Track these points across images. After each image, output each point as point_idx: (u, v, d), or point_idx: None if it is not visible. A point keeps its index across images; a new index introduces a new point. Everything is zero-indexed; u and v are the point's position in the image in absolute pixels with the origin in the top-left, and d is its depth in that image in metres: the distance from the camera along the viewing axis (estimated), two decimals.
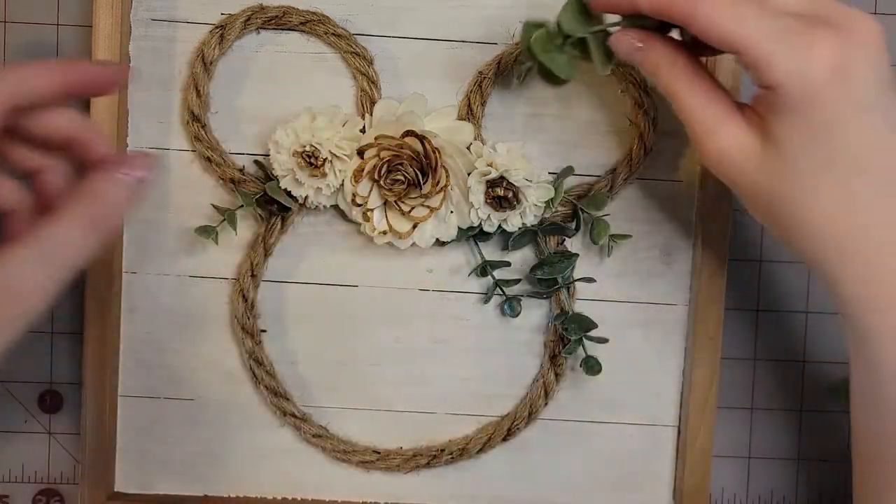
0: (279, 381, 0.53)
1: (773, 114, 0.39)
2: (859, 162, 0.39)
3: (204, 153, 0.52)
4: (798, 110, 0.38)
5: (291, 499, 0.54)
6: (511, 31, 0.52)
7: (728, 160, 0.41)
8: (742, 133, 0.40)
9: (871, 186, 0.39)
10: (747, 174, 0.40)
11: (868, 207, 0.39)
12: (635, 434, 0.54)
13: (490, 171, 0.49)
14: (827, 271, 0.41)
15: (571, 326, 0.51)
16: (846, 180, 0.39)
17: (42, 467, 0.55)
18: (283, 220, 0.52)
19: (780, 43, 0.37)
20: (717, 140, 0.40)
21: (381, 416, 0.54)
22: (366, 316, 0.54)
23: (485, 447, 0.53)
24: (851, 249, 0.40)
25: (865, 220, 0.39)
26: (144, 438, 0.54)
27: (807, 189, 0.39)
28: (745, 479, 0.56)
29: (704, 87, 0.41)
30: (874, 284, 0.40)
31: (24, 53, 0.53)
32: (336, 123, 0.49)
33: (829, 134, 0.38)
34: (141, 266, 0.53)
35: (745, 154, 0.40)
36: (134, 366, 0.54)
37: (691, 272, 0.53)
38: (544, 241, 0.52)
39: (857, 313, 0.41)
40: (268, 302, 0.53)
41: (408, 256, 0.53)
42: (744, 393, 0.55)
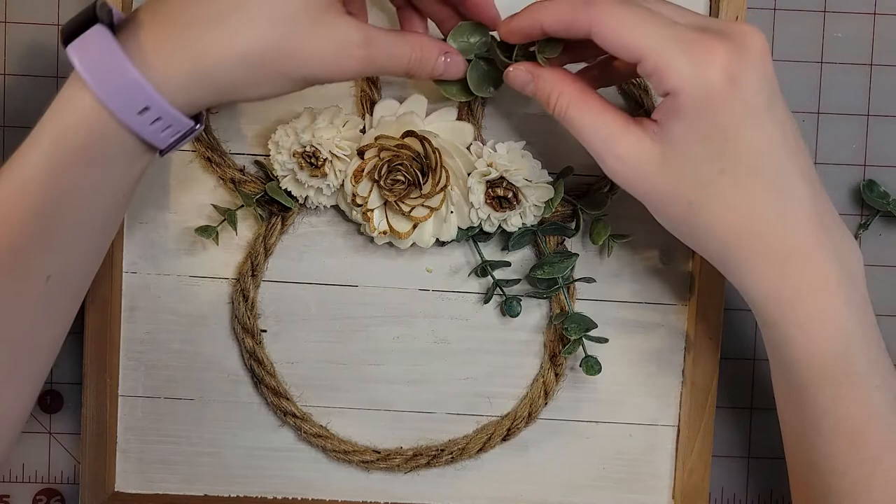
0: (279, 381, 0.53)
1: (672, 119, 0.40)
2: (753, 162, 0.40)
3: (204, 153, 0.52)
4: (695, 114, 0.40)
5: (291, 499, 0.54)
6: None
7: (629, 167, 0.42)
8: (640, 141, 0.41)
9: (766, 186, 0.41)
10: (650, 179, 0.42)
11: (764, 206, 0.41)
12: (635, 434, 0.54)
13: (490, 171, 0.49)
14: (732, 270, 0.43)
15: (571, 326, 0.51)
16: (742, 180, 0.41)
17: (42, 467, 0.55)
18: (283, 220, 0.52)
19: (677, 50, 0.39)
20: (615, 148, 0.42)
21: (381, 416, 0.54)
22: (366, 316, 0.54)
23: (485, 447, 0.53)
24: (752, 247, 0.41)
25: (762, 218, 0.41)
26: (144, 438, 0.54)
27: (706, 190, 0.41)
28: (745, 479, 0.56)
29: (596, 107, 0.42)
30: (776, 280, 0.41)
31: (24, 53, 0.53)
32: (336, 124, 0.49)
33: (724, 136, 0.40)
34: (141, 266, 0.53)
35: (645, 159, 0.41)
36: (134, 366, 0.54)
37: (691, 272, 0.53)
38: (544, 241, 0.52)
39: (765, 310, 0.42)
40: (268, 302, 0.53)
41: (408, 256, 0.53)
42: (744, 393, 0.55)
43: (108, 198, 0.41)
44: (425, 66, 0.45)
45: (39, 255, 0.40)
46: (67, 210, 0.40)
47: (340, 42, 0.41)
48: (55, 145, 0.39)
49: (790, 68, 0.54)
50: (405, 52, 0.44)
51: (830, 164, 0.54)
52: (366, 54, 0.42)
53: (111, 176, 0.40)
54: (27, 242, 0.39)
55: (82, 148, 0.39)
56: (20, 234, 0.39)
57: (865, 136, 0.54)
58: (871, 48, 0.54)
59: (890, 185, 0.54)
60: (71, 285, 0.43)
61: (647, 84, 0.51)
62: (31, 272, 0.40)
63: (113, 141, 0.39)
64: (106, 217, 0.42)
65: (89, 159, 0.39)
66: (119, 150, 0.40)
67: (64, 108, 0.39)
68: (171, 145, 0.41)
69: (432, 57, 0.45)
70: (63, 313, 0.44)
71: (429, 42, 0.45)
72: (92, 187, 0.40)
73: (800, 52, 0.54)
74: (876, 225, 0.55)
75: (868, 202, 0.53)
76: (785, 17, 0.54)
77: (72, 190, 0.39)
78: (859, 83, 0.54)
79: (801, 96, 0.54)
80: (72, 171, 0.39)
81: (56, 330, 0.44)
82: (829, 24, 0.54)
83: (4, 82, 0.54)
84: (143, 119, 0.39)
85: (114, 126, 0.39)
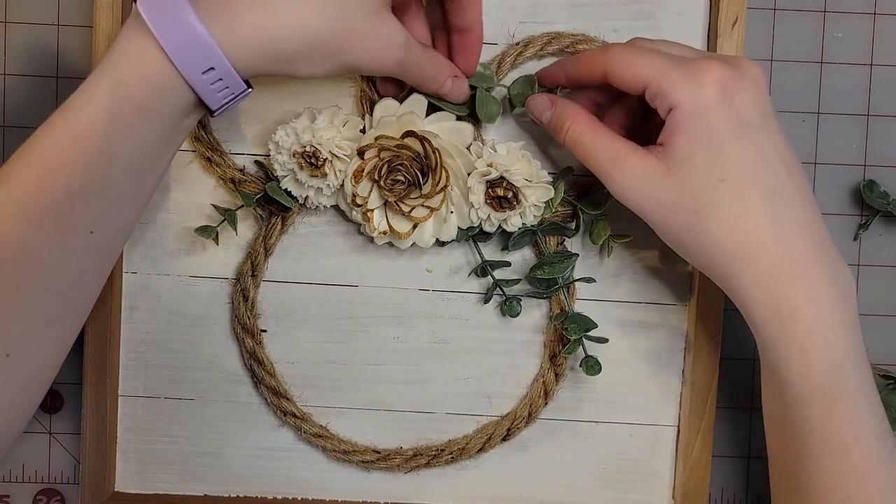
0: (279, 381, 0.53)
1: (674, 133, 0.43)
2: (750, 172, 0.43)
3: (204, 153, 0.52)
4: (694, 123, 0.43)
5: (291, 499, 0.54)
6: (511, 32, 0.52)
7: (636, 184, 0.44)
8: (646, 159, 0.44)
9: (765, 197, 0.43)
10: (655, 192, 0.44)
11: (764, 218, 0.43)
12: (635, 434, 0.54)
13: (490, 171, 0.49)
14: (733, 285, 0.44)
15: (571, 326, 0.51)
16: (742, 189, 0.43)
17: (42, 467, 0.55)
18: (283, 220, 0.52)
19: (678, 71, 0.43)
20: (623, 167, 0.45)
21: (381, 416, 0.54)
22: (366, 316, 0.54)
23: (485, 447, 0.53)
24: (751, 257, 0.43)
25: (762, 230, 0.43)
26: (144, 438, 0.54)
27: (709, 198, 0.43)
28: (744, 479, 0.56)
29: (606, 133, 0.46)
30: (773, 291, 0.43)
31: (24, 53, 0.53)
32: (336, 124, 0.49)
33: (720, 144, 0.43)
34: (141, 266, 0.53)
35: (651, 174, 0.44)
36: (134, 366, 0.54)
37: (691, 272, 0.53)
38: (544, 241, 0.52)
39: (764, 326, 0.43)
40: (268, 302, 0.53)
41: (408, 256, 0.53)
42: (744, 393, 0.55)
43: (154, 152, 0.42)
44: (436, 83, 0.48)
45: (86, 206, 0.41)
46: (116, 163, 0.41)
47: (387, 39, 0.44)
48: (113, 98, 0.40)
49: (790, 68, 0.54)
50: (429, 66, 0.47)
51: (830, 164, 0.54)
52: (403, 56, 0.44)
53: (161, 130, 0.42)
54: (76, 193, 0.41)
55: (143, 101, 0.40)
56: (70, 184, 0.40)
57: (865, 136, 0.54)
58: (871, 48, 0.54)
59: (890, 185, 0.54)
60: (111, 241, 0.44)
61: None
62: (77, 224, 0.41)
63: (171, 97, 0.41)
64: (153, 172, 0.44)
65: (148, 112, 0.40)
66: (175, 107, 0.41)
67: (124, 62, 0.40)
68: (222, 106, 0.43)
69: (444, 76, 0.48)
70: (101, 269, 0.45)
71: (445, 62, 0.49)
72: (142, 141, 0.41)
73: (800, 52, 0.54)
74: (876, 225, 0.55)
75: (868, 202, 0.53)
76: (785, 17, 0.54)
77: (124, 143, 0.41)
78: (859, 83, 0.54)
79: (801, 96, 0.54)
80: (127, 124, 0.40)
81: (92, 285, 0.45)
82: (829, 24, 0.54)
83: (4, 82, 0.54)
84: (205, 78, 0.40)
85: (175, 83, 0.40)
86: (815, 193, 0.54)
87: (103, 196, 0.41)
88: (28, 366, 0.43)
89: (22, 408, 0.45)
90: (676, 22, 0.52)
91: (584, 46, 0.51)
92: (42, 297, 0.42)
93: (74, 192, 0.40)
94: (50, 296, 0.42)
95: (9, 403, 0.44)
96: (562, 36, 0.51)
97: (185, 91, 0.41)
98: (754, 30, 0.53)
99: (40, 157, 0.40)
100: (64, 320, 0.44)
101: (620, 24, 0.52)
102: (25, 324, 0.42)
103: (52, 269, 0.42)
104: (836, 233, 0.54)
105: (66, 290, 0.43)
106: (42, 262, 0.41)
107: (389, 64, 0.45)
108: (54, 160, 0.40)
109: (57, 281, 0.42)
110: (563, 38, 0.51)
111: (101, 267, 0.45)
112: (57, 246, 0.41)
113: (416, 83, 0.48)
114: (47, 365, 0.45)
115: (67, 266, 0.42)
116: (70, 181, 0.40)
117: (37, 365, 0.44)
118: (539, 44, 0.51)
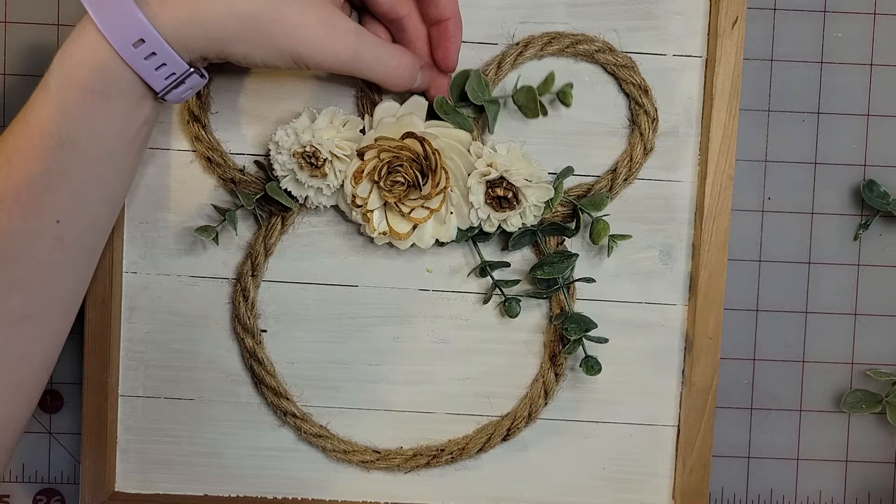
0: (279, 381, 0.53)
1: None
2: None
3: (204, 153, 0.52)
4: None
5: (291, 499, 0.54)
6: (511, 32, 0.52)
7: None
8: None
9: None
10: None
11: None
12: (635, 434, 0.54)
13: (490, 171, 0.49)
14: None
15: (571, 326, 0.51)
16: None
17: (42, 467, 0.55)
18: (283, 220, 0.52)
19: None
20: None
21: (381, 416, 0.54)
22: (366, 316, 0.54)
23: (485, 447, 0.53)
24: None
25: None
26: (144, 438, 0.54)
27: None
28: (744, 479, 0.56)
29: None
30: None
31: (25, 53, 0.53)
32: (336, 124, 0.49)
33: None
34: (141, 266, 0.53)
35: None
36: (134, 366, 0.54)
37: (691, 272, 0.53)
38: (544, 241, 0.52)
39: None
40: (268, 302, 0.53)
41: (407, 257, 0.53)
42: (744, 393, 0.55)
43: (114, 139, 0.43)
44: (401, 76, 0.47)
45: (48, 194, 0.42)
46: (70, 149, 0.42)
47: (332, 25, 0.44)
48: (61, 84, 0.42)
49: (790, 68, 0.54)
50: (389, 57, 0.46)
51: (830, 164, 0.54)
52: (355, 44, 0.44)
53: (114, 115, 0.43)
54: (38, 180, 0.42)
55: (85, 83, 0.41)
56: (31, 171, 0.42)
57: (865, 136, 0.54)
58: (871, 48, 0.54)
59: (890, 185, 0.54)
60: (82, 233, 0.44)
61: (646, 84, 0.51)
62: (41, 212, 0.42)
63: (113, 76, 0.42)
64: (114, 161, 0.44)
65: (92, 95, 0.42)
66: (120, 89, 0.42)
67: (70, 47, 0.42)
68: (166, 88, 0.43)
69: (409, 67, 0.48)
70: (76, 265, 0.45)
71: (410, 53, 0.48)
72: (96, 126, 0.42)
73: (800, 52, 0.54)
74: (876, 225, 0.55)
75: (868, 202, 0.53)
76: (785, 17, 0.54)
77: (78, 127, 0.42)
78: (859, 83, 0.54)
79: (801, 96, 0.54)
80: (77, 107, 0.42)
81: (69, 281, 0.45)
82: (829, 24, 0.54)
83: (4, 82, 0.54)
84: (138, 52, 0.42)
85: (113, 60, 0.42)
86: (815, 193, 0.55)
87: (64, 184, 0.42)
88: (13, 363, 0.44)
89: (16, 407, 0.45)
90: (676, 22, 0.52)
91: (584, 47, 0.51)
92: (15, 290, 0.43)
93: (34, 181, 0.42)
94: (24, 289, 0.43)
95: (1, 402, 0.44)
96: (562, 36, 0.51)
97: (122, 69, 0.42)
98: (754, 30, 0.53)
99: (2, 149, 0.42)
100: (42, 316, 0.44)
101: (620, 24, 0.52)
102: (2, 317, 0.43)
103: (22, 260, 0.42)
104: (836, 233, 0.55)
105: (41, 284, 0.43)
106: (12, 253, 0.42)
107: (341, 52, 0.44)
108: (13, 150, 0.42)
109: (28, 273, 0.43)
110: (563, 38, 0.51)
111: (76, 262, 0.45)
112: (24, 235, 0.42)
113: (380, 78, 0.47)
114: (36, 363, 0.45)
115: (38, 257, 0.43)
116: (29, 169, 0.42)
117: (23, 363, 0.44)
118: (539, 44, 0.51)
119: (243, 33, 0.43)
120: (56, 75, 0.42)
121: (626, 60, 0.51)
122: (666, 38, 0.52)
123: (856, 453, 0.56)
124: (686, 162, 0.53)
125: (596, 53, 0.51)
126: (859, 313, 0.55)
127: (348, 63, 0.45)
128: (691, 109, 0.52)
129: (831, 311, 0.55)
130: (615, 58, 0.51)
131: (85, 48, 0.41)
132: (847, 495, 0.56)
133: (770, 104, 0.54)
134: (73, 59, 0.42)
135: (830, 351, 0.55)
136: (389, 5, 0.48)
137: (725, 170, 0.51)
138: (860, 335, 0.55)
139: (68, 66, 0.42)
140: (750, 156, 0.54)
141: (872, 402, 0.54)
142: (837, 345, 0.55)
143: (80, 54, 0.42)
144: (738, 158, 0.54)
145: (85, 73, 0.41)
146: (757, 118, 0.54)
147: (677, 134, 0.52)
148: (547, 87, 0.50)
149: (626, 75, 0.51)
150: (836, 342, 0.55)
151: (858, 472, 0.56)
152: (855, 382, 0.56)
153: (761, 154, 0.54)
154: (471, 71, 0.50)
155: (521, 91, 0.50)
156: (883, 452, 0.56)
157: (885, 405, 0.54)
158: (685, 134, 0.53)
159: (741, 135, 0.53)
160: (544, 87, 0.50)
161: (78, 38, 0.42)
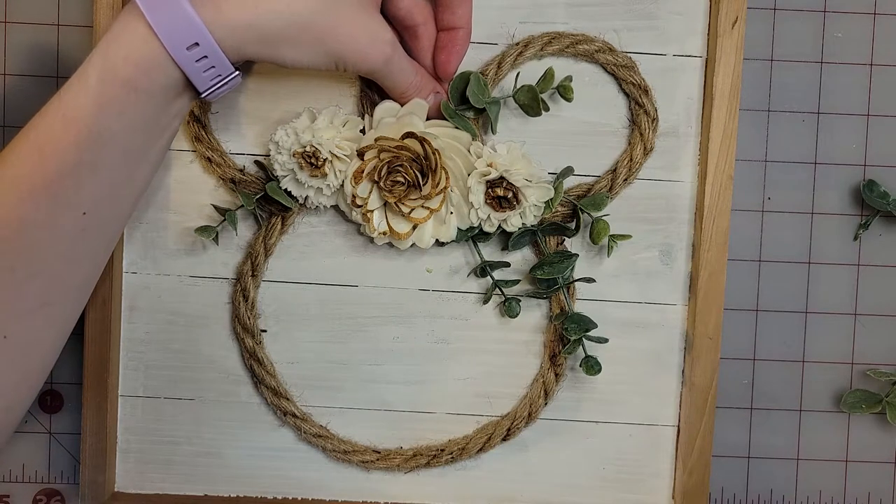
0: (279, 381, 0.53)
1: None
2: None
3: (204, 153, 0.52)
4: None
5: (291, 499, 0.54)
6: (511, 32, 0.52)
7: None
8: None
9: None
10: None
11: None
12: (635, 434, 0.54)
13: (490, 171, 0.49)
14: None
15: (571, 326, 0.51)
16: None
17: (42, 467, 0.55)
18: (283, 220, 0.52)
19: None
20: None
21: (381, 416, 0.54)
22: (366, 316, 0.54)
23: (485, 447, 0.53)
24: None
25: None
26: (144, 438, 0.54)
27: None
28: (745, 479, 0.56)
29: None
30: None
31: (25, 53, 0.53)
32: (336, 124, 0.49)
33: None
34: (141, 266, 0.53)
35: None
36: (134, 366, 0.54)
37: (691, 272, 0.53)
38: (544, 241, 0.52)
39: None
40: (268, 302, 0.53)
41: (407, 256, 0.53)
42: (744, 393, 0.55)
43: (148, 133, 0.43)
44: (422, 92, 0.49)
45: (78, 186, 0.42)
46: (106, 142, 0.42)
47: (374, 33, 0.45)
48: (102, 77, 0.41)
49: (790, 68, 0.54)
50: (412, 73, 0.48)
51: (830, 164, 0.54)
52: (391, 54, 0.46)
53: (149, 109, 0.42)
54: (68, 173, 0.41)
55: (129, 79, 0.41)
56: (62, 163, 0.41)
57: (865, 136, 0.54)
58: (871, 48, 0.54)
59: (890, 185, 0.54)
60: (105, 225, 0.44)
61: (646, 84, 0.51)
62: (69, 203, 0.42)
63: (158, 74, 0.42)
64: (145, 154, 0.44)
65: (134, 91, 0.41)
66: (161, 85, 0.42)
67: (114, 42, 0.41)
68: (210, 89, 0.43)
69: (428, 89, 0.49)
70: (96, 254, 0.45)
71: (429, 76, 0.50)
72: (131, 120, 0.42)
73: (800, 52, 0.54)
74: (876, 225, 0.55)
75: (868, 202, 0.53)
76: (785, 17, 0.54)
77: (112, 122, 0.41)
78: (859, 83, 0.54)
79: (801, 96, 0.54)
80: (115, 102, 0.41)
81: (87, 269, 0.45)
82: (829, 24, 0.54)
83: (4, 82, 0.54)
84: (190, 55, 0.41)
85: (161, 60, 0.41)
86: (815, 193, 0.55)
87: (95, 176, 0.42)
88: (25, 349, 0.44)
89: (21, 394, 0.45)
90: (676, 22, 0.52)
91: (584, 47, 0.51)
92: (36, 277, 0.43)
93: (66, 172, 0.41)
94: (44, 277, 0.43)
95: (7, 387, 0.44)
96: (562, 36, 0.51)
97: (171, 69, 0.42)
98: (754, 30, 0.53)
99: (34, 138, 0.41)
100: (59, 304, 0.44)
101: (620, 24, 0.52)
102: (20, 305, 0.43)
103: (45, 249, 0.42)
104: (836, 233, 0.55)
105: (60, 273, 0.43)
106: (36, 243, 0.42)
107: (377, 59, 0.45)
108: (46, 140, 0.41)
109: (50, 262, 0.43)
110: (563, 38, 0.51)
111: (96, 252, 0.45)
112: (50, 226, 0.42)
113: (398, 88, 0.48)
114: (45, 350, 0.45)
115: (61, 247, 0.43)
116: (62, 161, 0.41)
117: (34, 349, 0.44)
118: (539, 44, 0.51)
119: (297, 37, 0.43)
120: (98, 69, 0.41)
121: (626, 60, 0.51)
122: (666, 38, 0.52)
123: (856, 453, 0.56)
124: (686, 162, 0.53)
125: (596, 53, 0.51)
126: (859, 313, 0.55)
127: (379, 70, 0.46)
128: (691, 109, 0.52)
129: (831, 311, 0.55)
130: (615, 58, 0.51)
131: (132, 45, 0.41)
132: (847, 495, 0.56)
133: (770, 104, 0.54)
134: (117, 54, 0.41)
135: (830, 351, 0.55)
136: (407, 11, 0.48)
137: (725, 170, 0.51)
138: (860, 335, 0.55)
139: (112, 62, 0.41)
140: (750, 156, 0.54)
141: (872, 402, 0.54)
142: (837, 345, 0.55)
143: (126, 50, 0.41)
144: (738, 158, 0.54)
145: (130, 69, 0.41)
146: (757, 118, 0.54)
147: (677, 134, 0.52)
148: (547, 83, 0.50)
149: (626, 75, 0.51)
150: (835, 342, 0.55)
151: (858, 472, 0.56)
152: (855, 382, 0.56)
153: (761, 154, 0.54)
154: (470, 74, 0.50)
155: (523, 90, 0.50)
156: (883, 452, 0.56)
157: (885, 405, 0.54)
158: (685, 134, 0.53)
159: (741, 135, 0.53)
160: (544, 83, 0.50)
161: (123, 34, 0.41)
